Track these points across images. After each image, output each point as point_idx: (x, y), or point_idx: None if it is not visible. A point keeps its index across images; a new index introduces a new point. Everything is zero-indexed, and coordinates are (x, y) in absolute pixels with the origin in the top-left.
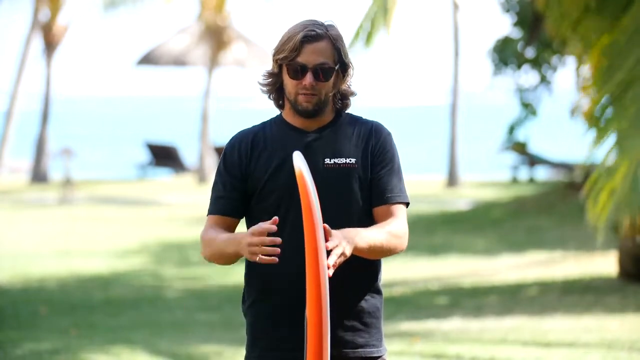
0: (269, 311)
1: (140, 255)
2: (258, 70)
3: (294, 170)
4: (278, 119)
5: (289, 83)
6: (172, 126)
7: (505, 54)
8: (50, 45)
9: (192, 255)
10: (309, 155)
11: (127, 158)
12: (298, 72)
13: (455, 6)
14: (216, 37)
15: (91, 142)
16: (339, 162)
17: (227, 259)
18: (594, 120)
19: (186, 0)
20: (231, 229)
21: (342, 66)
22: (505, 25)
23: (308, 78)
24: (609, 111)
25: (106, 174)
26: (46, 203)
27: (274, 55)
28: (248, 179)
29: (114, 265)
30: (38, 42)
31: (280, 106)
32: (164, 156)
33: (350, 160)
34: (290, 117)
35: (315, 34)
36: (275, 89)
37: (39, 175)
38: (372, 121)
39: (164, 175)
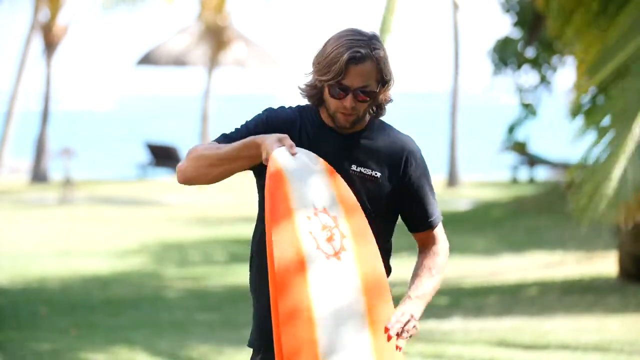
0: (264, 307)
1: (140, 255)
2: (258, 70)
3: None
4: (314, 112)
5: (329, 99)
6: (172, 126)
7: (505, 54)
8: (50, 45)
9: (192, 255)
10: (338, 157)
11: (127, 158)
12: (339, 93)
13: (455, 6)
14: (216, 37)
15: (91, 142)
16: (365, 172)
17: (227, 167)
18: (579, 109)
19: (186, 0)
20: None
21: (383, 84)
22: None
23: (349, 100)
24: (596, 102)
25: (106, 174)
26: (46, 203)
27: (316, 72)
28: None
29: (114, 265)
30: (38, 42)
31: (319, 104)
32: (164, 156)
33: (376, 174)
34: (325, 117)
35: (360, 56)
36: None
37: (39, 175)
38: (405, 138)
39: (164, 175)
